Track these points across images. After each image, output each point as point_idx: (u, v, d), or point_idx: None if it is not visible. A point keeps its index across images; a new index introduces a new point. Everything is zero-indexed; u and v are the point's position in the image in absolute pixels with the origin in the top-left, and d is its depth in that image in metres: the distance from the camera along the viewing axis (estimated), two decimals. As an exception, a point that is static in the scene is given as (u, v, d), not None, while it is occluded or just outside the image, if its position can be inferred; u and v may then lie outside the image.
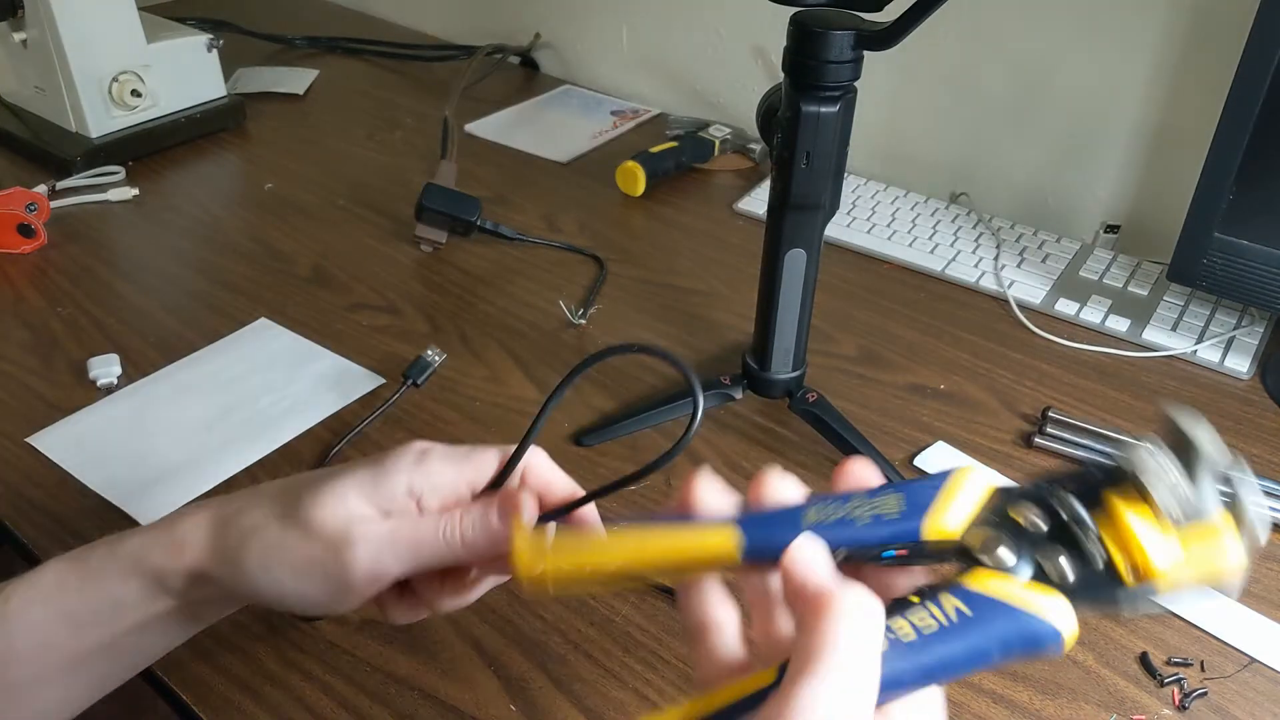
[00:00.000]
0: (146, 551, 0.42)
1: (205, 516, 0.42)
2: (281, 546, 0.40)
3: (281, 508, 0.41)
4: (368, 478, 0.40)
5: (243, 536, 0.41)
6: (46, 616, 0.42)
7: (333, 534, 0.39)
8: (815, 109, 0.58)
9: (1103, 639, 0.57)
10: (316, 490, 0.40)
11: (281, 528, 0.40)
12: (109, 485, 0.63)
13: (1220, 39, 0.85)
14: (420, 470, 0.41)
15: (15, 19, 0.99)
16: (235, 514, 0.42)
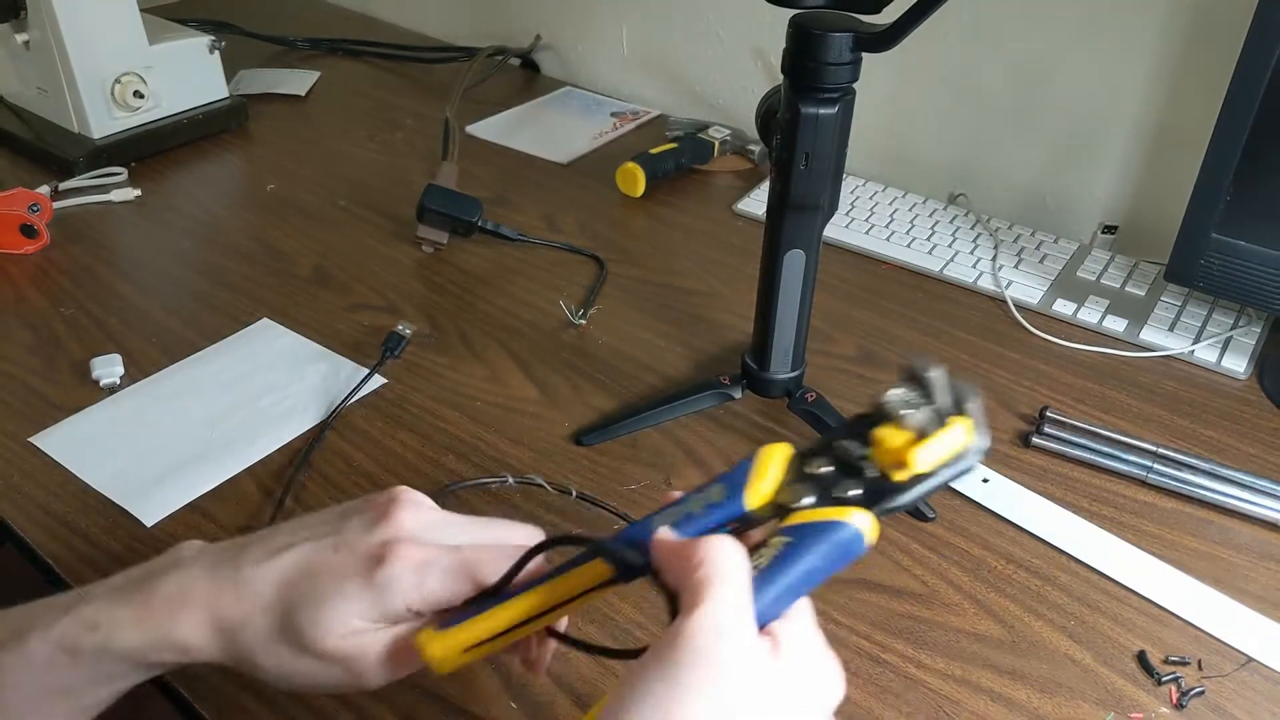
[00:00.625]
0: (150, 656, 0.41)
1: (203, 622, 0.41)
2: (295, 669, 0.41)
3: (287, 631, 0.40)
4: (368, 600, 0.40)
5: (253, 653, 0.41)
6: (36, 689, 0.42)
7: (344, 656, 0.40)
8: (814, 110, 0.58)
9: (1100, 637, 0.57)
10: (317, 616, 0.40)
11: (292, 653, 0.40)
12: (112, 485, 0.64)
13: (1218, 39, 0.85)
14: (419, 592, 0.40)
15: (18, 20, 0.99)
16: (238, 627, 0.41)
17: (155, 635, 0.41)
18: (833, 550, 0.36)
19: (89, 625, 0.41)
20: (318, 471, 0.66)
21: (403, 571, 0.39)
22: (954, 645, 0.56)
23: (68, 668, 0.41)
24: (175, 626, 0.41)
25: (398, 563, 0.39)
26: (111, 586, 0.43)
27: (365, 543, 0.40)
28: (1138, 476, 0.68)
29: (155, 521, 0.61)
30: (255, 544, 0.42)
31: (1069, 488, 0.67)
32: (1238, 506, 0.65)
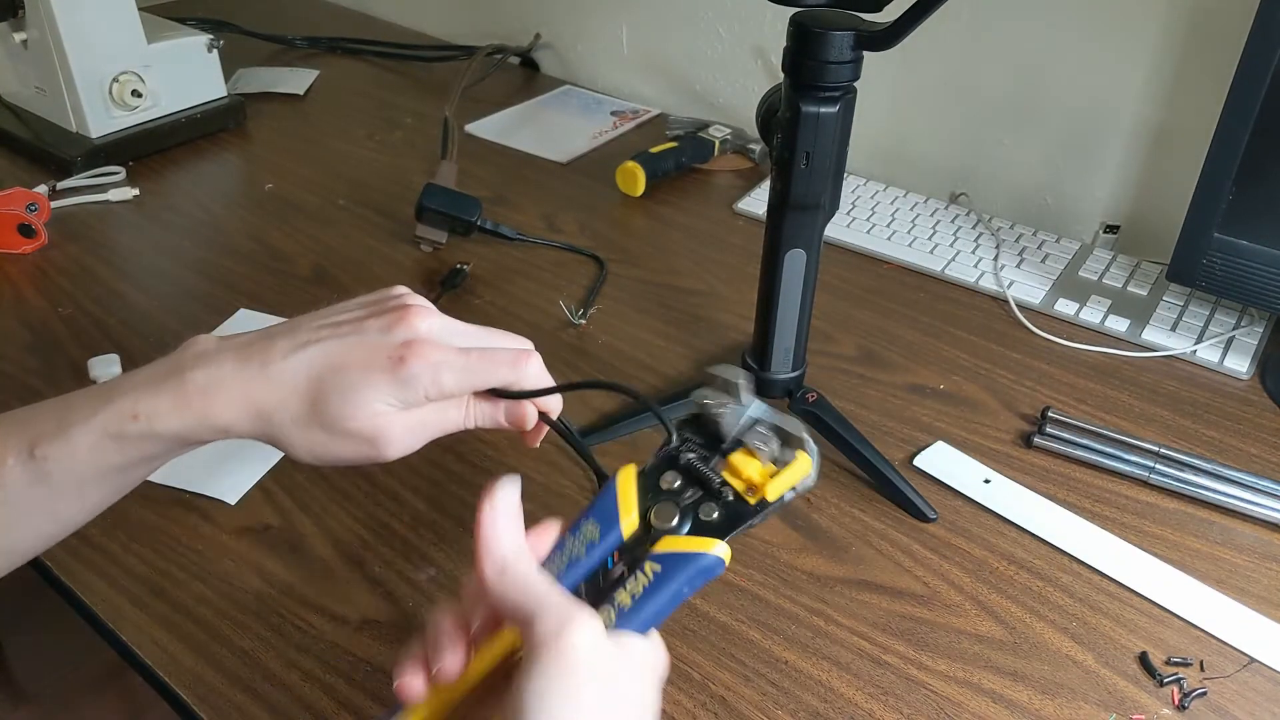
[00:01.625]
0: (191, 437, 0.46)
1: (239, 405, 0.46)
2: (326, 445, 0.46)
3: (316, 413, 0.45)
4: (392, 391, 0.45)
5: (286, 432, 0.46)
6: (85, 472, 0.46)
7: (369, 434, 0.45)
8: (815, 109, 0.58)
9: (1102, 639, 0.57)
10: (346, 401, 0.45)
11: (324, 433, 0.45)
12: (173, 477, 0.64)
13: (1220, 39, 0.85)
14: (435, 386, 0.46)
15: (16, 19, 0.99)
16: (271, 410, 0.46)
17: (195, 420, 0.45)
18: (697, 576, 0.40)
19: (130, 414, 0.45)
20: (317, 472, 0.65)
21: (422, 369, 0.45)
22: (955, 646, 0.56)
23: (114, 452, 0.46)
24: (213, 411, 0.45)
25: (417, 361, 0.45)
26: (139, 380, 0.46)
27: (387, 342, 0.46)
28: (1140, 477, 0.67)
29: (238, 499, 0.63)
30: (279, 337, 0.47)
31: (1071, 488, 0.67)
32: (1240, 507, 0.65)
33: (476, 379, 0.47)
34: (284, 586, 0.58)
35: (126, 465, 0.46)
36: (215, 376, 0.46)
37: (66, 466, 0.46)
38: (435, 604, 0.42)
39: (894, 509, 0.65)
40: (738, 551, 0.61)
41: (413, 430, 0.47)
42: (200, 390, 0.46)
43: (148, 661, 0.53)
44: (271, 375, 0.46)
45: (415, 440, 0.47)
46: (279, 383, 0.46)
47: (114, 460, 0.46)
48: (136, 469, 0.47)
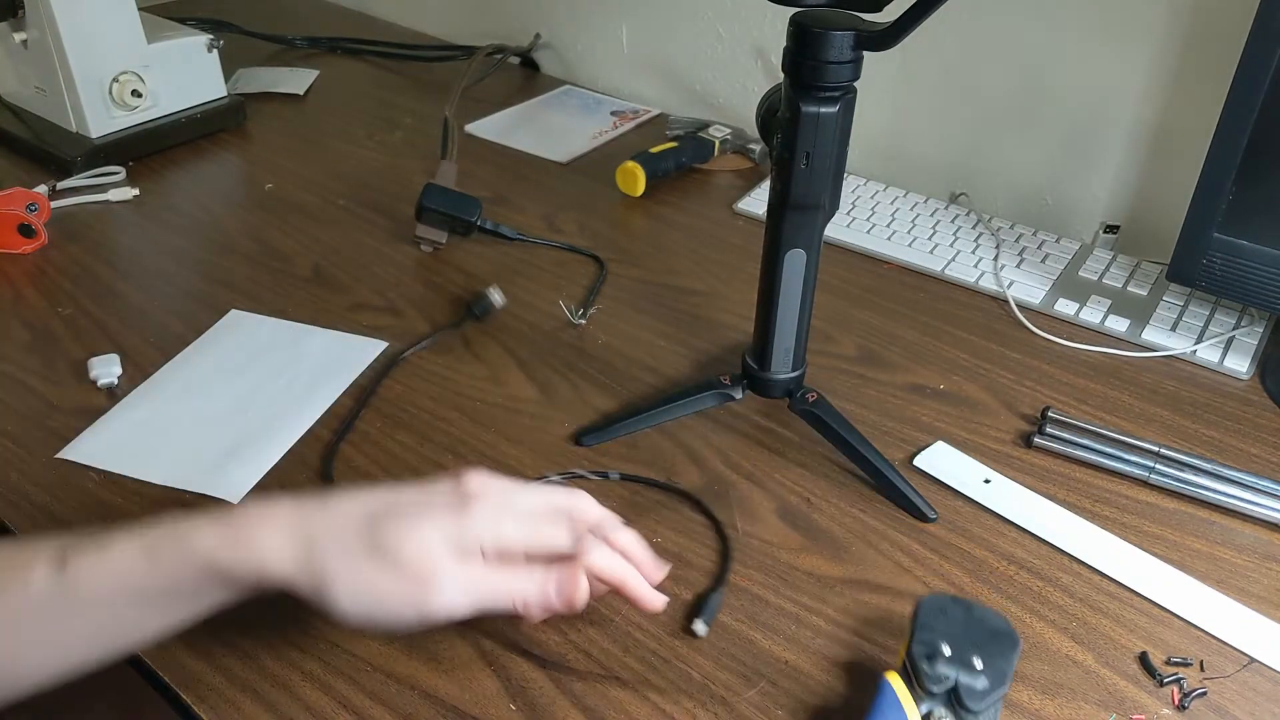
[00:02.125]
0: (224, 560, 0.44)
1: (285, 532, 0.44)
2: (372, 580, 0.44)
3: (368, 539, 0.44)
4: (452, 526, 0.45)
5: (328, 562, 0.44)
6: (112, 593, 0.44)
7: (420, 572, 0.44)
8: (815, 109, 0.58)
9: (1102, 639, 0.57)
10: (400, 526, 0.44)
11: (371, 562, 0.44)
12: (176, 476, 0.64)
13: (1220, 39, 0.85)
14: (494, 531, 0.45)
15: (16, 19, 0.99)
16: (319, 536, 0.44)
17: (234, 537, 0.44)
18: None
19: (170, 532, 0.45)
20: (315, 472, 0.65)
21: (484, 511, 0.45)
22: (955, 646, 0.56)
23: (145, 572, 0.44)
24: (255, 531, 0.44)
25: (480, 503, 0.46)
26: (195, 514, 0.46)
27: (453, 488, 0.46)
28: (1140, 477, 0.67)
29: (240, 497, 0.63)
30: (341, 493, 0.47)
31: (1071, 488, 0.67)
32: (1240, 507, 0.65)
33: (537, 536, 0.47)
34: (284, 586, 0.58)
35: (153, 594, 0.45)
36: (268, 507, 0.46)
37: (94, 581, 0.44)
38: None
39: (894, 509, 0.65)
40: (739, 552, 0.61)
41: (465, 587, 0.45)
42: (247, 514, 0.45)
43: (148, 661, 0.53)
44: (329, 506, 0.46)
45: (465, 598, 0.45)
46: (335, 512, 0.45)
47: (143, 581, 0.44)
48: (162, 605, 0.45)
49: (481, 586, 0.45)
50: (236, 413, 0.70)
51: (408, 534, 0.44)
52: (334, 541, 0.44)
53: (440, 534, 0.44)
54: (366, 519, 0.45)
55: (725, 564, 0.60)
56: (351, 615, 0.45)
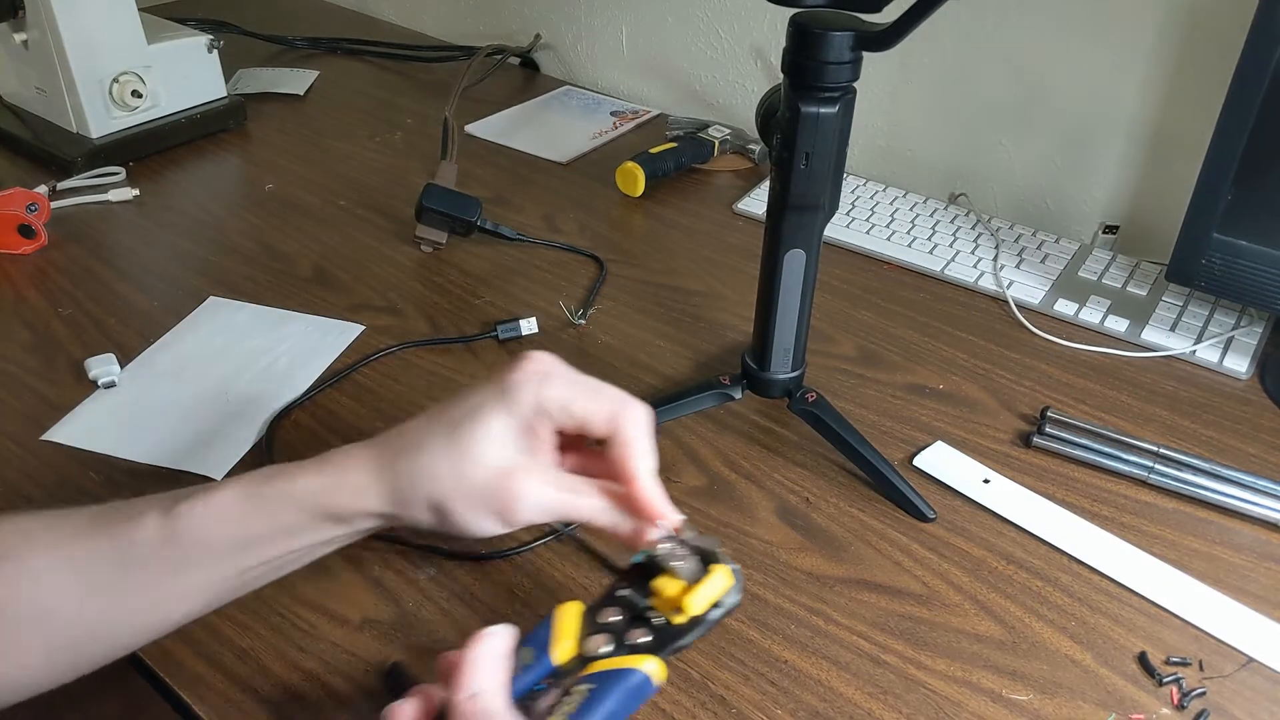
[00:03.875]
0: (324, 495, 0.47)
1: (371, 463, 0.47)
2: (456, 482, 0.46)
3: (447, 446, 0.46)
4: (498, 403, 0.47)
5: (415, 478, 0.46)
6: (220, 535, 0.46)
7: (502, 466, 0.46)
8: (814, 109, 0.58)
9: (1101, 638, 0.57)
10: (475, 428, 0.46)
11: (453, 463, 0.46)
12: (160, 454, 0.66)
13: (1219, 39, 0.85)
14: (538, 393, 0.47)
15: (16, 20, 0.99)
16: (399, 456, 0.47)
17: (330, 477, 0.47)
18: (628, 694, 0.41)
19: (272, 474, 0.47)
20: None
21: (524, 378, 0.47)
22: (954, 646, 0.56)
23: (248, 514, 0.46)
24: (347, 465, 0.47)
25: (517, 373, 0.48)
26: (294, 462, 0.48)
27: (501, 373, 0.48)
28: (1139, 477, 0.67)
29: (223, 474, 0.64)
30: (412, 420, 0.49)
31: (1070, 488, 0.67)
32: (1239, 507, 0.65)
33: (581, 396, 0.47)
34: (284, 586, 0.57)
35: (257, 538, 0.47)
36: (357, 448, 0.48)
37: (201, 526, 0.46)
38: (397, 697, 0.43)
39: (893, 509, 0.65)
40: (738, 552, 0.61)
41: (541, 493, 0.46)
42: (342, 453, 0.48)
43: (148, 661, 0.53)
44: (393, 435, 0.48)
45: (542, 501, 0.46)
46: (401, 435, 0.48)
47: (248, 525, 0.46)
48: (265, 546, 0.47)
49: (560, 492, 0.47)
50: (218, 395, 0.72)
51: (484, 435, 0.46)
52: (416, 460, 0.46)
53: (499, 419, 0.46)
54: (446, 429, 0.47)
55: None
56: (432, 521, 0.47)
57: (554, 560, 0.60)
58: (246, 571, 0.48)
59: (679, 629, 0.43)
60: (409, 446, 0.47)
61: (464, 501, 0.46)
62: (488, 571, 0.59)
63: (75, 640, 0.46)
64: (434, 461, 0.46)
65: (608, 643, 0.43)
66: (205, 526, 0.46)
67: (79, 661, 0.47)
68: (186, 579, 0.47)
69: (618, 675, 0.41)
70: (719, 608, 0.44)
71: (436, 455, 0.46)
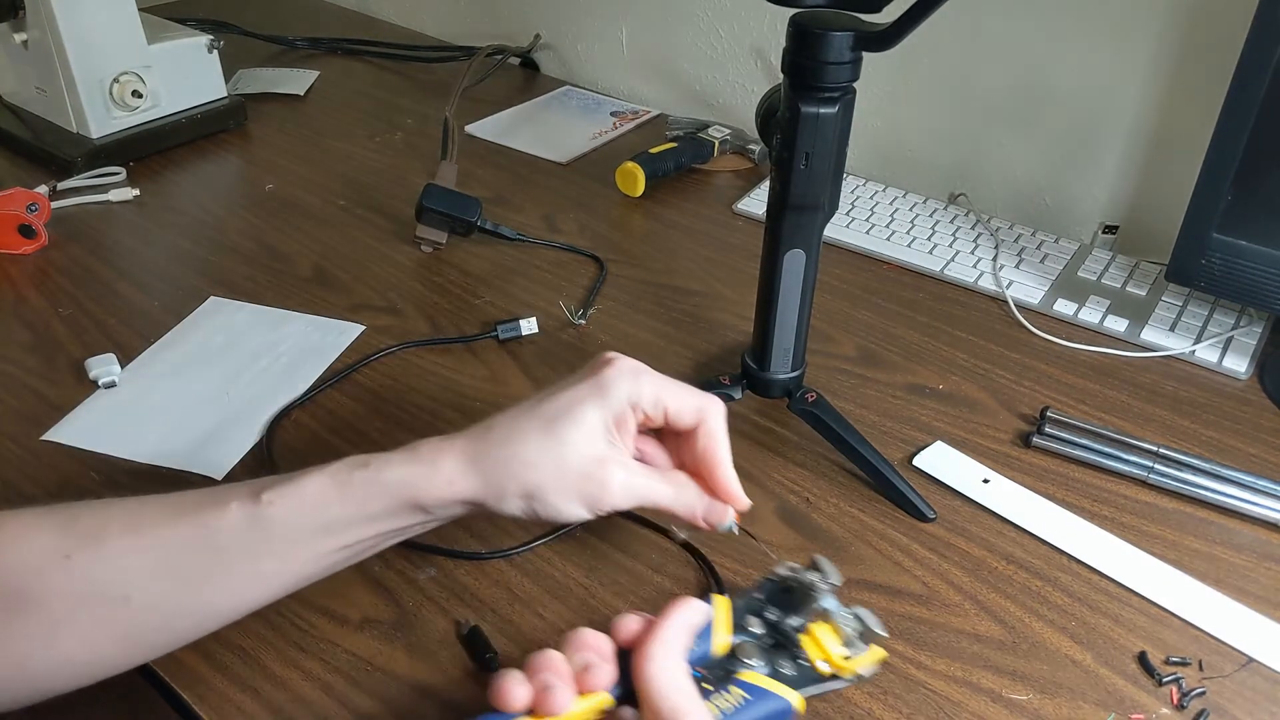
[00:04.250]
0: (415, 484, 0.48)
1: (464, 453, 0.48)
2: (552, 470, 0.48)
3: (543, 437, 0.48)
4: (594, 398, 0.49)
5: (511, 466, 0.48)
6: (304, 524, 0.47)
7: (595, 455, 0.49)
8: (814, 110, 0.58)
9: (1101, 638, 0.57)
10: (572, 421, 0.48)
11: (549, 453, 0.48)
12: (161, 454, 0.66)
13: (1218, 39, 0.85)
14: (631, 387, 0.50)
15: (16, 20, 0.99)
16: (492, 446, 0.49)
17: (420, 466, 0.48)
18: (774, 714, 0.45)
19: (360, 463, 0.48)
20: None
21: (618, 374, 0.50)
22: (954, 646, 0.56)
23: (335, 501, 0.47)
24: (439, 456, 0.48)
25: (611, 369, 0.50)
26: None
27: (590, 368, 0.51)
28: (1139, 477, 0.67)
29: (223, 474, 0.64)
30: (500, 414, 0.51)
31: (1070, 488, 0.67)
32: (1239, 507, 0.65)
33: (672, 391, 0.51)
34: (284, 586, 0.58)
35: (344, 523, 0.47)
36: (445, 439, 0.49)
37: (287, 512, 0.47)
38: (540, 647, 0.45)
39: (893, 509, 0.65)
40: (738, 552, 0.61)
41: (630, 480, 0.49)
42: (432, 445, 0.49)
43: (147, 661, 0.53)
44: (481, 427, 0.50)
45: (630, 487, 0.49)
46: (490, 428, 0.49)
47: (335, 511, 0.47)
48: (347, 533, 0.48)
49: (646, 481, 0.50)
50: (219, 395, 0.72)
51: (578, 424, 0.48)
52: (509, 448, 0.48)
53: (594, 411, 0.49)
54: (539, 421, 0.49)
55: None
56: (522, 509, 0.49)
57: (554, 560, 0.60)
58: (324, 557, 0.48)
59: (821, 678, 0.47)
60: (503, 438, 0.49)
61: (558, 489, 0.48)
62: (488, 571, 0.59)
63: (150, 625, 0.47)
64: (530, 451, 0.48)
65: (758, 657, 0.47)
66: (291, 513, 0.47)
67: (152, 646, 0.48)
68: (266, 565, 0.47)
69: (772, 697, 0.45)
70: (857, 677, 0.48)
71: (531, 445, 0.48)
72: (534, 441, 0.48)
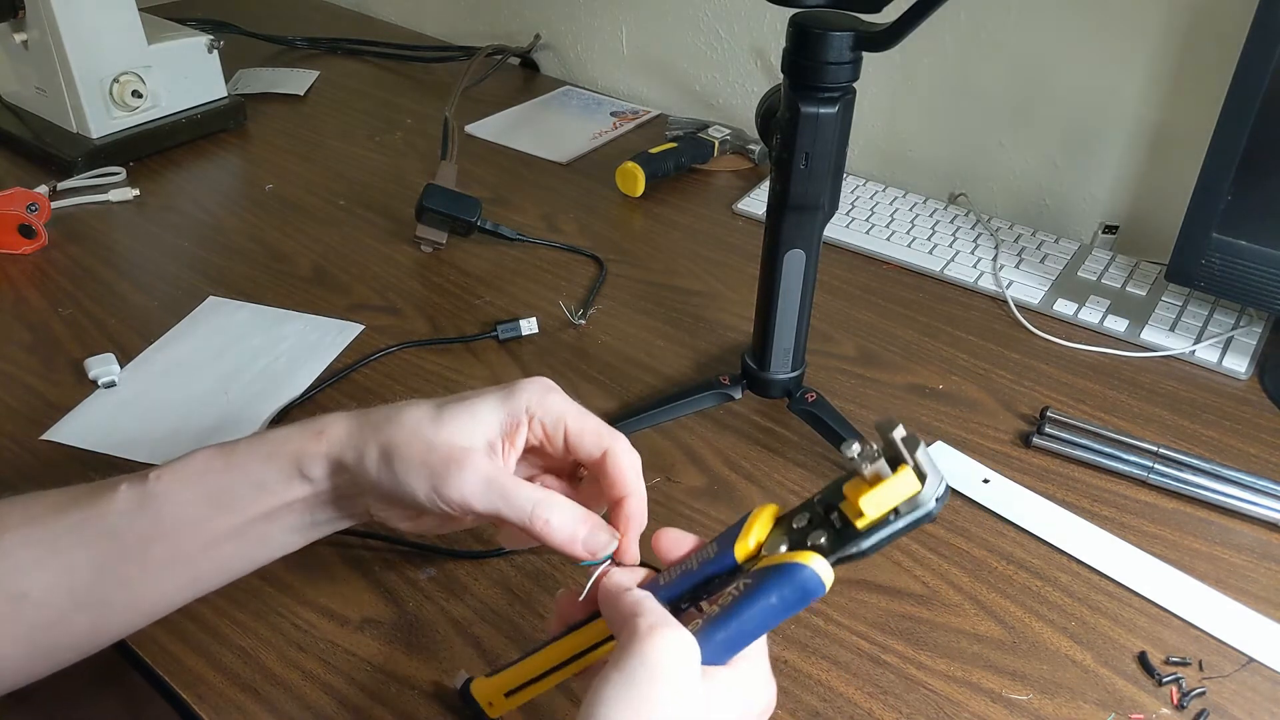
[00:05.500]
0: (288, 438, 0.47)
1: (347, 417, 0.47)
2: (412, 433, 0.45)
3: (429, 409, 0.46)
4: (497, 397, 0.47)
5: (376, 428, 0.46)
6: (191, 497, 0.46)
7: (462, 443, 0.45)
8: (814, 110, 0.58)
9: (1101, 638, 0.57)
10: (463, 406, 0.46)
11: (423, 422, 0.46)
12: (159, 454, 0.65)
13: (1218, 39, 0.85)
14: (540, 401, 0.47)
15: (16, 20, 0.99)
16: (379, 412, 0.47)
17: (304, 429, 0.47)
18: (790, 589, 0.39)
19: (247, 435, 0.48)
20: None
21: (529, 383, 0.47)
22: (954, 646, 0.56)
23: (220, 470, 0.46)
24: (325, 420, 0.47)
25: (525, 380, 0.48)
26: None
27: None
28: (1139, 477, 0.67)
29: None
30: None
31: (1070, 488, 0.67)
32: (1239, 507, 0.65)
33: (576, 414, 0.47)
34: (284, 586, 0.58)
35: (226, 496, 0.46)
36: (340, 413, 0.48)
37: (174, 486, 0.46)
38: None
39: (893, 509, 0.65)
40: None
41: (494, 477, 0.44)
42: (325, 417, 0.48)
43: (148, 661, 0.53)
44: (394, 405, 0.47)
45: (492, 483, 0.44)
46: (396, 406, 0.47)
47: (220, 480, 0.46)
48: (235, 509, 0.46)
49: (503, 489, 0.44)
50: (218, 395, 0.72)
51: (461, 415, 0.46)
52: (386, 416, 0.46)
53: (491, 413, 0.46)
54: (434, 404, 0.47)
55: None
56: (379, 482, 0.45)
57: (554, 560, 0.60)
58: (217, 544, 0.46)
59: (856, 534, 0.39)
60: (395, 408, 0.47)
61: (410, 455, 0.45)
62: (488, 571, 0.59)
63: (52, 623, 0.45)
64: (409, 416, 0.46)
65: (782, 543, 0.40)
66: (179, 487, 0.46)
67: (52, 649, 0.46)
68: (156, 550, 0.46)
69: (780, 570, 0.39)
70: (905, 516, 0.39)
71: (413, 413, 0.46)
72: (419, 412, 0.46)
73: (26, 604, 0.45)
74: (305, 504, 0.47)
